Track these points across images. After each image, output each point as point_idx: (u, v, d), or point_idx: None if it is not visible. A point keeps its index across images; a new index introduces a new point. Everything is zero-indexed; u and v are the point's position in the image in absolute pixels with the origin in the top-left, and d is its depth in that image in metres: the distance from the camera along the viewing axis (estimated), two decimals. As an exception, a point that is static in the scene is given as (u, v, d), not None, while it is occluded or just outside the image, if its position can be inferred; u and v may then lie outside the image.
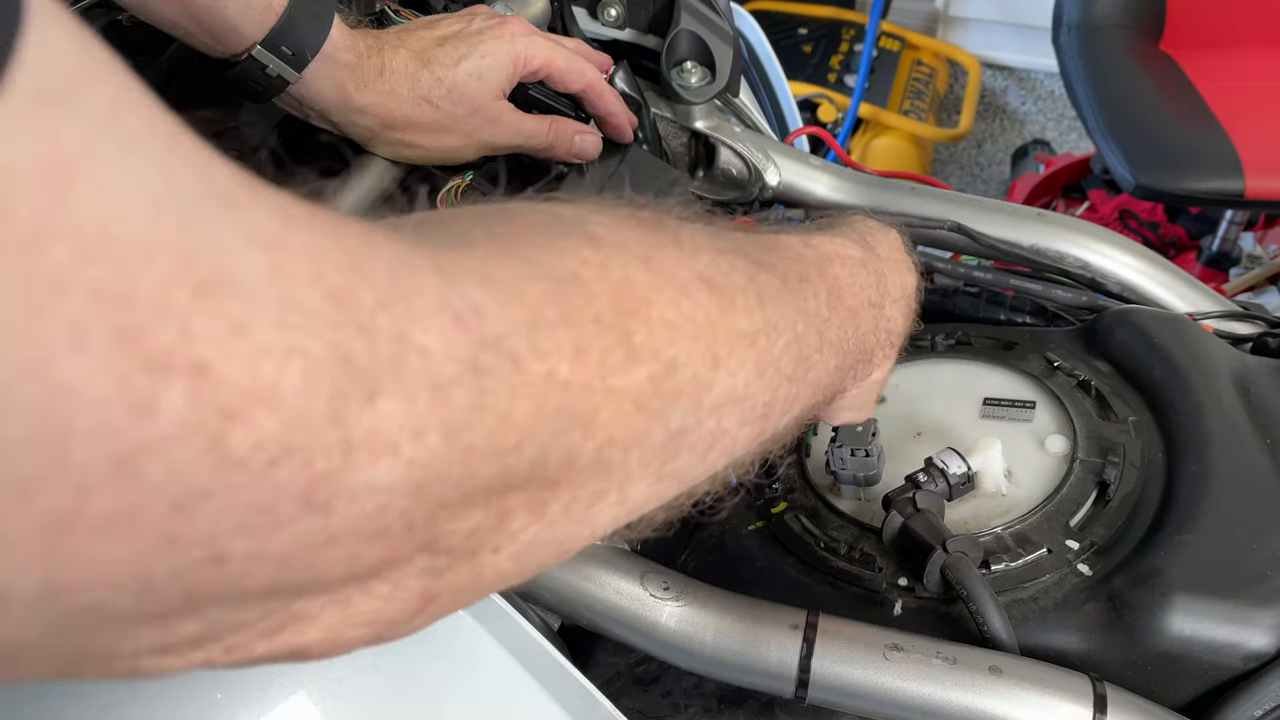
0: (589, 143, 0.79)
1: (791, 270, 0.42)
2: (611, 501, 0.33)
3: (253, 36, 0.66)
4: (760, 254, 0.40)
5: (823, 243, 0.47)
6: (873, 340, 0.49)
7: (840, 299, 0.45)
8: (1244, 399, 0.68)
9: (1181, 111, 1.72)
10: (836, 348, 0.44)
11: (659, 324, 0.32)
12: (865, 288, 0.48)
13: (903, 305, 0.52)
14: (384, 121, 0.71)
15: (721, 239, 0.39)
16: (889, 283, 0.50)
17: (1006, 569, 0.60)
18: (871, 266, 0.49)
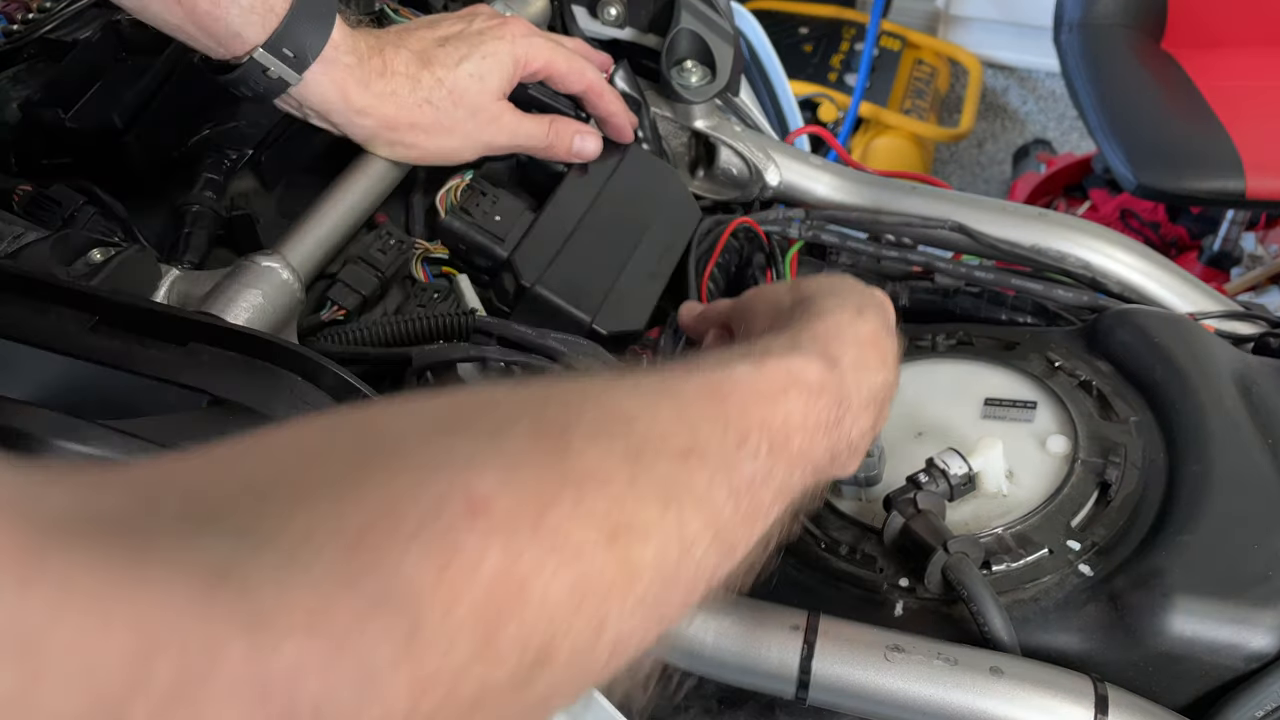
0: (589, 143, 0.78)
1: (730, 435, 0.40)
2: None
3: (254, 40, 0.66)
4: (691, 432, 0.38)
5: (777, 374, 0.45)
6: (826, 461, 0.48)
7: (787, 443, 0.43)
8: (1245, 399, 0.68)
9: (1183, 111, 1.72)
10: (776, 500, 0.43)
11: (534, 611, 0.29)
12: (822, 416, 0.46)
13: (869, 412, 0.50)
14: (384, 122, 0.71)
15: (643, 441, 0.35)
16: (853, 398, 0.49)
17: (1008, 569, 0.60)
18: (831, 389, 0.47)
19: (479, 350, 0.65)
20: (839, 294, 0.55)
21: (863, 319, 0.53)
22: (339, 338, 0.67)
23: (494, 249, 0.74)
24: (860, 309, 0.54)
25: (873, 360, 0.51)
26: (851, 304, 0.54)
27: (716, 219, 0.84)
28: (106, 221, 0.69)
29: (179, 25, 0.66)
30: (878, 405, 0.52)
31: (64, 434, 0.46)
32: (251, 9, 0.65)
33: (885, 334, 0.54)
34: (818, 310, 0.53)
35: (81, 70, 0.75)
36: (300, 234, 0.69)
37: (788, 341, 0.49)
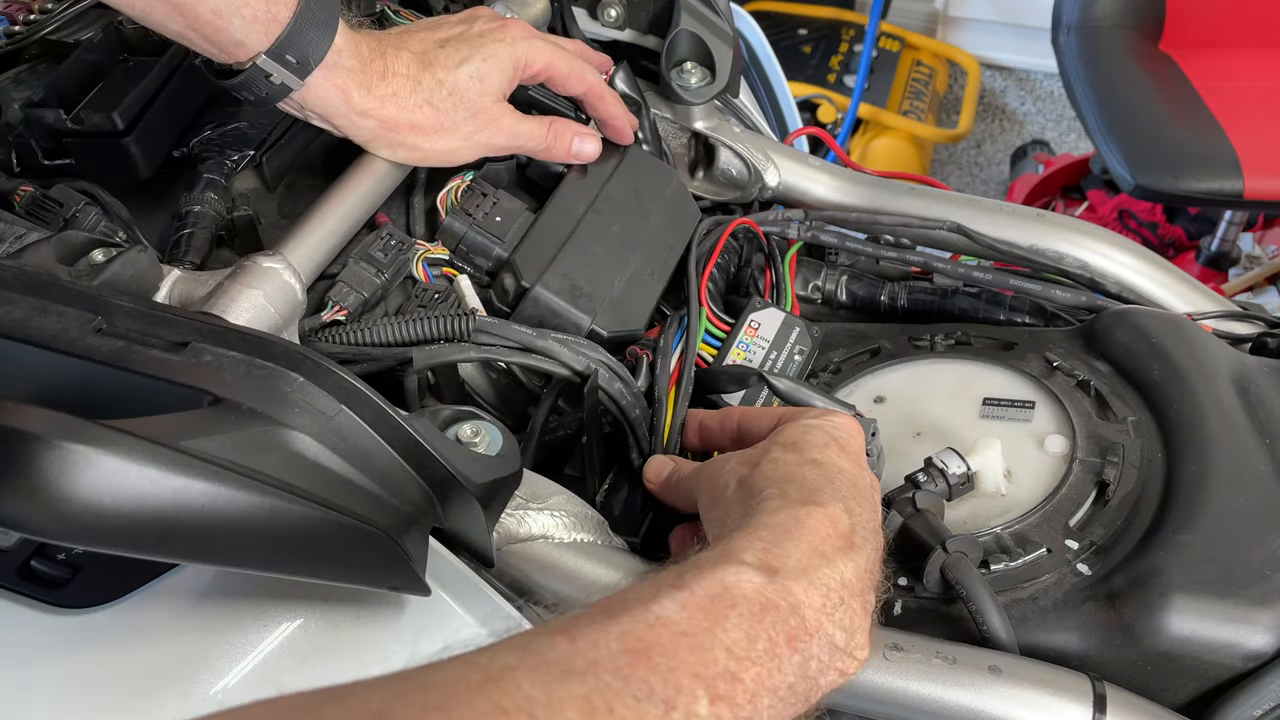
0: (588, 144, 0.79)
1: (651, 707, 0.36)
2: None
3: (257, 47, 0.65)
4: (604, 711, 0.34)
5: (709, 602, 0.41)
6: (806, 684, 0.43)
7: (736, 683, 0.39)
8: (1243, 399, 0.68)
9: (1180, 112, 1.72)
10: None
11: None
12: (775, 634, 0.42)
13: (844, 610, 0.46)
14: (386, 124, 0.71)
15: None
16: (812, 604, 0.44)
17: (1006, 569, 0.60)
18: (780, 602, 0.43)
19: (479, 350, 0.66)
20: (784, 481, 0.51)
21: (811, 507, 0.49)
22: (340, 338, 0.67)
23: (494, 249, 0.74)
24: (807, 498, 0.49)
25: (832, 551, 0.47)
26: (796, 495, 0.49)
27: (716, 220, 0.84)
28: (108, 222, 0.69)
29: (181, 33, 0.66)
30: (855, 592, 0.47)
31: (64, 434, 0.46)
32: (254, 18, 0.65)
33: (845, 515, 0.49)
34: (763, 508, 0.49)
35: (83, 71, 0.76)
36: (301, 234, 0.69)
37: (720, 552, 0.45)
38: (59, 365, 0.52)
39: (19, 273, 0.55)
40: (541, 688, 0.34)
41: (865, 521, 0.51)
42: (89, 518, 0.44)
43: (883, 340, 0.79)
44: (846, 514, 0.50)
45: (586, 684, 0.35)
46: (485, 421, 0.56)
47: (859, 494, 0.53)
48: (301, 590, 0.54)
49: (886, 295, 0.86)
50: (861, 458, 0.57)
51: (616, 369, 0.67)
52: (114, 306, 0.53)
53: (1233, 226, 1.98)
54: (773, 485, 0.51)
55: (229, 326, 0.55)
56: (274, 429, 0.50)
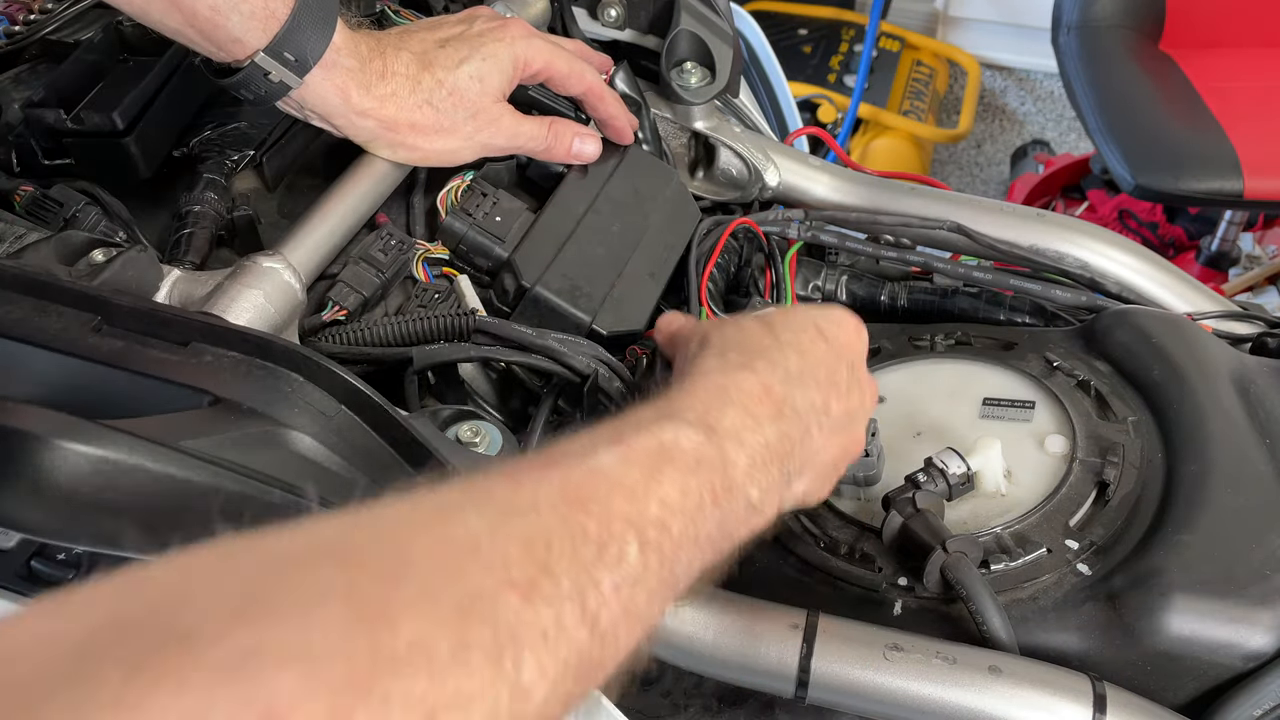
0: (588, 145, 0.79)
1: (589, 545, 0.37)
2: None
3: (255, 45, 0.66)
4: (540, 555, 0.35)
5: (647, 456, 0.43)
6: (721, 536, 0.46)
7: (665, 532, 0.41)
8: (1243, 399, 0.68)
9: (1180, 112, 1.72)
10: (659, 592, 0.41)
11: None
12: (704, 489, 0.44)
13: (764, 472, 0.48)
14: (385, 124, 0.71)
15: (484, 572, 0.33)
16: (739, 465, 0.47)
17: (1006, 569, 0.60)
18: (712, 459, 0.45)
19: (479, 350, 0.66)
20: (728, 347, 0.53)
21: (748, 374, 0.51)
22: (340, 338, 0.67)
23: (494, 249, 0.74)
24: (747, 362, 0.51)
25: (762, 415, 0.49)
26: (735, 358, 0.52)
27: (716, 220, 0.84)
28: (108, 222, 0.69)
29: (179, 30, 0.66)
30: (777, 459, 0.49)
31: (65, 434, 0.46)
32: (252, 15, 0.65)
33: (780, 383, 0.51)
34: (700, 369, 0.51)
35: (83, 71, 0.76)
36: (301, 234, 0.69)
37: (661, 409, 0.47)
38: (59, 365, 0.52)
39: (19, 273, 0.55)
40: (487, 523, 0.35)
41: (803, 398, 0.52)
42: (89, 517, 0.45)
43: (883, 340, 0.79)
44: (782, 384, 0.51)
45: (529, 522, 0.37)
46: (485, 421, 0.56)
47: (814, 375, 0.54)
48: (302, 590, 0.54)
49: (886, 295, 0.86)
50: (848, 350, 0.57)
51: (616, 369, 0.67)
52: (114, 306, 0.54)
53: (1233, 226, 1.98)
54: (720, 345, 0.53)
55: (229, 326, 0.55)
56: (274, 429, 0.50)
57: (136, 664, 0.26)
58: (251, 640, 0.27)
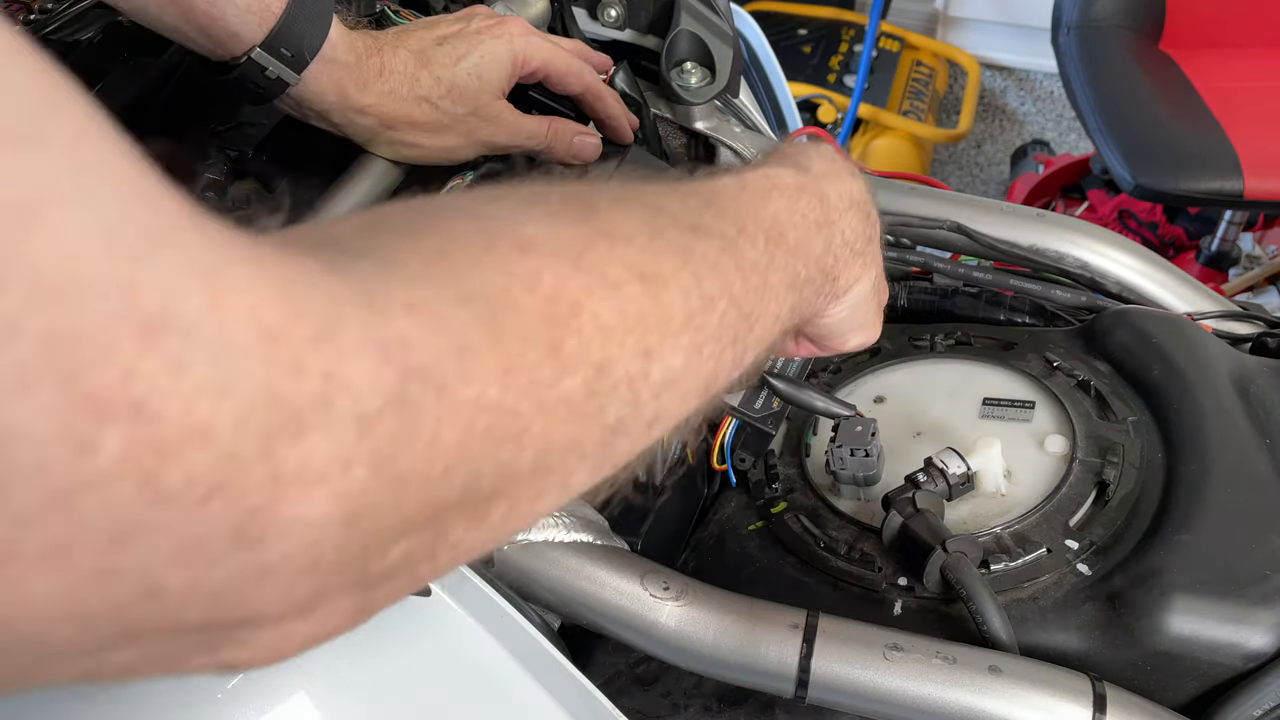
0: (588, 144, 0.79)
1: (728, 224, 0.43)
2: (552, 497, 0.34)
3: (252, 40, 0.66)
4: (695, 216, 0.41)
5: (757, 180, 0.48)
6: (830, 260, 0.50)
7: (782, 237, 0.46)
8: (1243, 399, 0.68)
9: (1180, 112, 1.72)
10: (785, 287, 0.45)
11: (590, 329, 0.33)
12: (808, 212, 0.49)
13: (855, 213, 0.53)
14: (384, 121, 0.71)
15: (656, 212, 0.40)
16: (832, 198, 0.51)
17: (1006, 569, 0.60)
18: (811, 188, 0.50)
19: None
20: (800, 142, 0.58)
21: (820, 145, 0.56)
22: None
23: (494, 249, 0.74)
24: (817, 143, 0.57)
25: (841, 170, 0.54)
26: (807, 143, 0.56)
27: (716, 219, 0.84)
28: (107, 222, 0.69)
29: (176, 26, 0.66)
30: (860, 208, 0.54)
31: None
32: (248, 8, 0.65)
33: (838, 154, 0.56)
34: (780, 149, 0.55)
35: (83, 71, 0.76)
36: (301, 234, 0.69)
37: (761, 161, 0.52)
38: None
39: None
40: (649, 194, 0.41)
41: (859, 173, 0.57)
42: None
43: (883, 340, 0.79)
44: (847, 159, 0.56)
45: (682, 198, 0.42)
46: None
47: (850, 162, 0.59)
48: (301, 590, 0.54)
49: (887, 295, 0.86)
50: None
51: (616, 369, 0.67)
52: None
53: (1233, 226, 1.98)
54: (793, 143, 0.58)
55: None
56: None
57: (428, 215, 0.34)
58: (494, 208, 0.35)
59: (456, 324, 0.29)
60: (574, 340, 0.32)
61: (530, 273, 0.32)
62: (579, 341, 0.32)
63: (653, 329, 0.35)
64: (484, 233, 0.33)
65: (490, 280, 0.31)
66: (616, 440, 0.35)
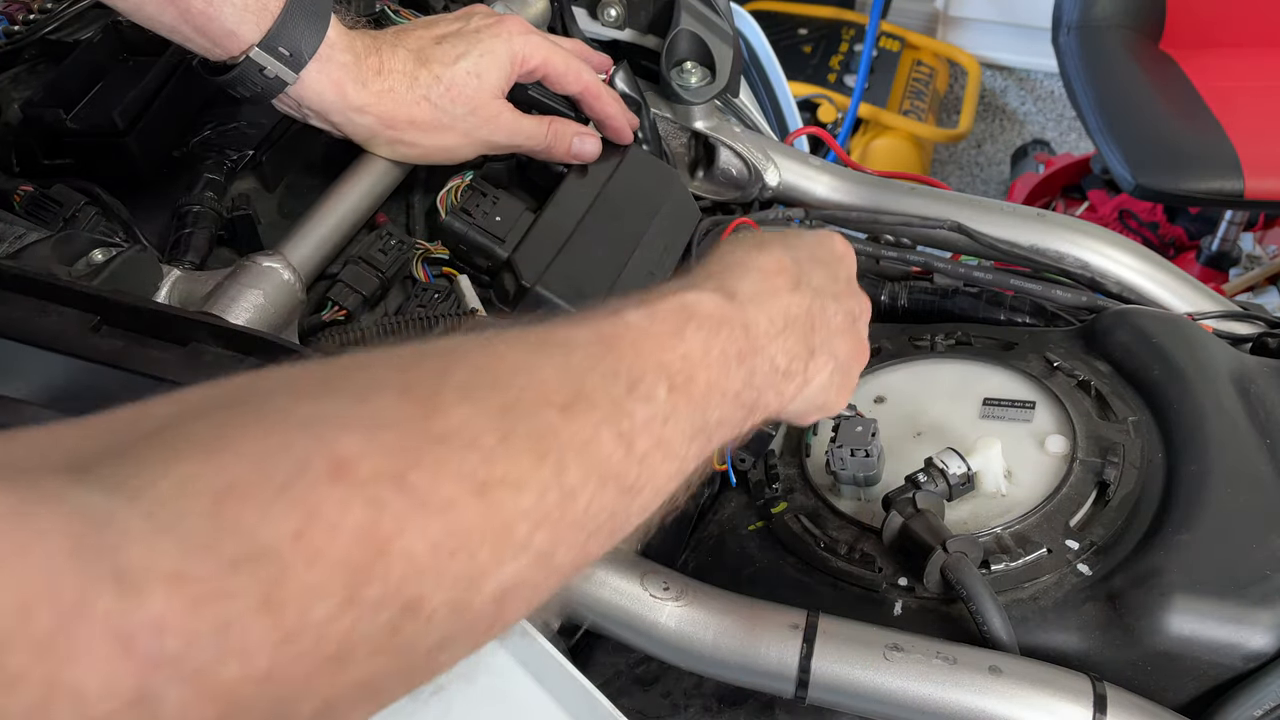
0: (588, 144, 0.79)
1: (619, 382, 0.40)
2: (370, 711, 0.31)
3: (249, 39, 0.66)
4: (577, 380, 0.38)
5: (671, 313, 0.45)
6: (752, 394, 0.47)
7: (691, 381, 0.43)
8: (1243, 399, 0.68)
9: (1181, 112, 1.72)
10: (687, 439, 0.42)
11: (399, 569, 0.30)
12: (728, 346, 0.46)
13: (790, 335, 0.50)
14: (383, 120, 0.71)
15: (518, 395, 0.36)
16: (761, 325, 0.48)
17: (1006, 569, 0.60)
18: (734, 319, 0.47)
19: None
20: (741, 240, 0.55)
21: (762, 252, 0.53)
22: (340, 338, 0.67)
23: (494, 249, 0.74)
24: (760, 244, 0.53)
25: (778, 287, 0.51)
26: (749, 242, 0.54)
27: (716, 219, 0.84)
28: (108, 222, 0.69)
29: (174, 26, 0.66)
30: (797, 326, 0.51)
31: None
32: (245, 7, 0.65)
33: (791, 261, 0.53)
34: (715, 254, 0.53)
35: (83, 71, 0.76)
36: (301, 234, 0.69)
37: (681, 282, 0.49)
38: (59, 365, 0.52)
39: (19, 273, 0.55)
40: (525, 353, 0.38)
41: (816, 279, 0.54)
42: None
43: (883, 340, 0.79)
44: (794, 264, 0.53)
45: (564, 356, 0.39)
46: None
47: (823, 262, 0.56)
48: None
49: (887, 295, 0.86)
50: (842, 261, 0.59)
51: (616, 369, 0.67)
52: (114, 306, 0.53)
53: (1233, 226, 1.98)
54: (734, 238, 0.56)
55: (229, 326, 0.55)
56: (274, 429, 0.50)
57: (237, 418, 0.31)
58: (320, 411, 0.32)
59: (228, 595, 0.26)
60: (377, 586, 0.29)
61: (338, 506, 0.29)
62: (383, 586, 0.29)
63: (487, 543, 0.32)
64: (293, 450, 0.30)
65: (284, 527, 0.28)
66: (440, 655, 0.32)
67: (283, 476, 0.29)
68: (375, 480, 0.30)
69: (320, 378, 0.34)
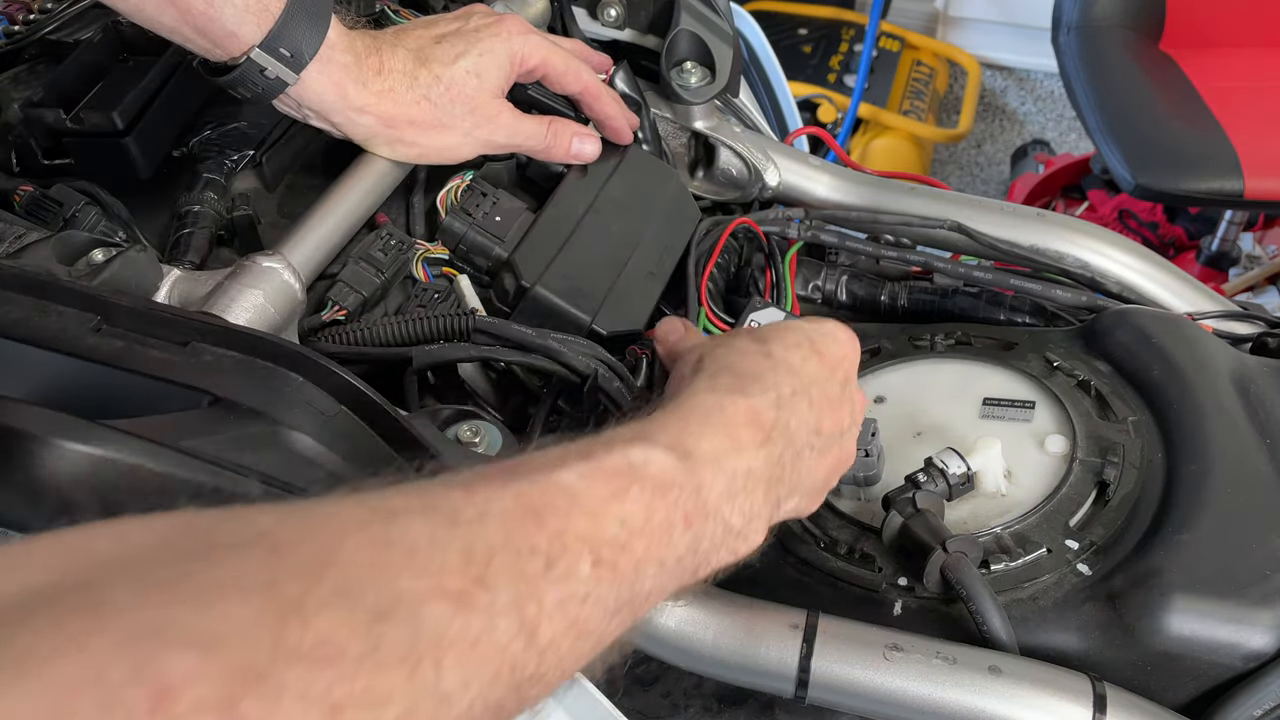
0: (587, 145, 0.79)
1: (536, 558, 0.37)
2: None
3: (250, 40, 0.66)
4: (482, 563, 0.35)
5: (612, 472, 0.42)
6: (697, 560, 0.44)
7: (624, 550, 0.40)
8: (1243, 399, 0.68)
9: (1181, 112, 1.72)
10: (610, 614, 0.39)
11: None
12: (672, 511, 0.43)
13: (752, 494, 0.47)
14: (383, 120, 0.71)
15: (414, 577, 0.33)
16: (718, 487, 0.45)
17: (1006, 569, 0.60)
18: (684, 481, 0.44)
19: (479, 350, 0.66)
20: (720, 370, 0.51)
21: (737, 396, 0.49)
22: (340, 338, 0.67)
23: (494, 249, 0.74)
24: (737, 386, 0.50)
25: (746, 441, 0.48)
26: (725, 383, 0.50)
27: (716, 219, 0.84)
28: (108, 222, 0.69)
29: (174, 27, 0.66)
30: (765, 483, 0.48)
31: (64, 433, 0.46)
32: (246, 8, 0.65)
33: (769, 405, 0.50)
34: (690, 391, 0.50)
35: (83, 71, 0.76)
36: (301, 234, 0.69)
37: (635, 430, 0.46)
38: (59, 365, 0.52)
39: (19, 273, 0.55)
40: (428, 529, 0.35)
41: (795, 421, 0.51)
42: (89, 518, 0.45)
43: (883, 340, 0.79)
44: (773, 408, 0.50)
45: (472, 533, 0.36)
46: (485, 421, 0.56)
47: (808, 394, 0.52)
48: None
49: (886, 295, 0.86)
50: (841, 365, 0.56)
51: (616, 368, 0.67)
52: (114, 306, 0.53)
53: (1233, 226, 1.98)
54: (712, 368, 0.52)
55: (229, 326, 0.55)
56: (273, 428, 0.50)
57: (50, 624, 0.27)
58: (158, 618, 0.28)
59: None
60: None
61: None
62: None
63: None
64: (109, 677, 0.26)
65: None
66: None
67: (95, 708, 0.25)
68: (197, 712, 0.26)
69: (182, 563, 0.30)
